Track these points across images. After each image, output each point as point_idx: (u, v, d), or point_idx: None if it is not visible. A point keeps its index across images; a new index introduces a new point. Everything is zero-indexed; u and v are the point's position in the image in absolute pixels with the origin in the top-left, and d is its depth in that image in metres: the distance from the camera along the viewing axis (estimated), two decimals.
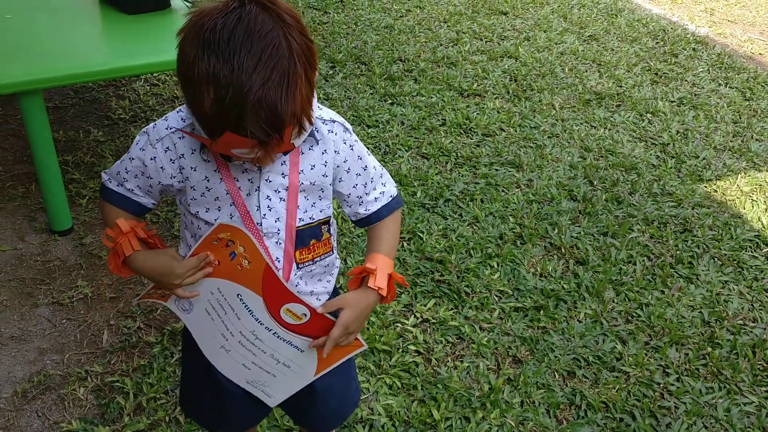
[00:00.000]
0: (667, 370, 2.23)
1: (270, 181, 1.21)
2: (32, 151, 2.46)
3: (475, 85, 3.88)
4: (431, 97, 3.72)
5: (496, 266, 2.58)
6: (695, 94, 3.98)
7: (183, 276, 1.23)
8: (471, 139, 3.39)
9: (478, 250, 2.65)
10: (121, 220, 1.25)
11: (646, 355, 2.27)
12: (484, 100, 3.75)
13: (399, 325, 2.31)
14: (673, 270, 2.64)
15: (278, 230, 1.24)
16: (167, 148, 1.20)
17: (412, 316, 2.35)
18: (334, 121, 1.26)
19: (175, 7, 2.87)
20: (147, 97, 3.60)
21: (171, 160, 1.20)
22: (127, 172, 1.25)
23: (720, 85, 4.10)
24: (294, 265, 1.27)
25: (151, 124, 1.22)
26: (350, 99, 3.65)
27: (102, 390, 2.05)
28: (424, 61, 4.11)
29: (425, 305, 2.39)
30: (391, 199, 1.36)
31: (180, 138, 1.19)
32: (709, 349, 2.30)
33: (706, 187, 3.16)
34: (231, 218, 1.22)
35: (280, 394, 1.40)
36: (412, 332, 2.28)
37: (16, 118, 3.36)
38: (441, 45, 4.35)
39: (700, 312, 2.45)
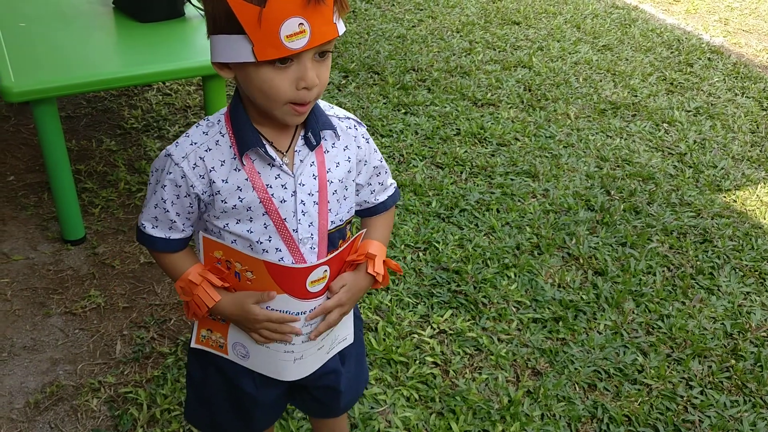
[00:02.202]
0: (690, 383, 2.18)
1: (303, 185, 1.19)
2: (45, 160, 2.45)
3: (489, 94, 3.85)
4: (445, 107, 3.69)
5: (513, 277, 2.54)
6: (712, 104, 3.93)
7: (261, 323, 1.23)
8: (486, 148, 3.36)
9: (494, 260, 2.61)
10: (192, 273, 1.23)
11: (668, 367, 2.22)
12: (498, 109, 3.72)
13: (416, 336, 2.27)
14: (694, 281, 2.59)
15: (312, 235, 1.22)
16: (194, 164, 1.16)
17: (429, 327, 2.31)
18: (348, 118, 1.27)
19: (188, 16, 2.86)
20: (159, 106, 3.59)
21: (200, 176, 1.17)
22: (164, 202, 1.20)
23: (736, 94, 4.06)
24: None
25: (172, 145, 1.18)
26: (363, 108, 3.63)
27: (115, 401, 2.02)
28: (438, 70, 4.09)
29: (442, 316, 2.36)
30: (395, 191, 1.41)
31: (207, 151, 1.16)
32: (733, 361, 2.25)
33: (725, 197, 3.11)
34: (265, 228, 1.19)
35: (348, 329, 1.42)
36: (429, 343, 2.24)
37: (29, 128, 3.35)
38: (454, 54, 4.33)
39: (723, 324, 2.40)
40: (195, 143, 1.16)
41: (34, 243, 2.62)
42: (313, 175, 1.20)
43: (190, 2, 2.85)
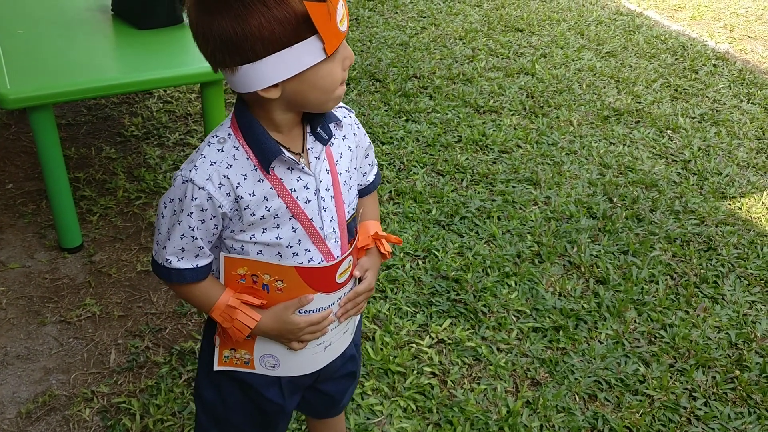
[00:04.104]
0: (693, 394, 2.13)
1: (321, 181, 1.20)
2: (42, 167, 2.43)
3: (491, 101, 3.82)
4: (447, 114, 3.67)
5: (513, 285, 2.51)
6: (716, 111, 3.89)
7: (303, 329, 1.25)
8: (487, 155, 3.33)
9: (495, 268, 2.58)
10: (227, 298, 1.21)
11: (671, 378, 2.18)
12: (500, 116, 3.70)
13: (414, 345, 2.24)
14: (698, 289, 2.55)
15: (334, 229, 1.23)
16: (220, 184, 1.13)
17: (428, 336, 2.28)
18: (340, 107, 1.28)
19: (187, 23, 2.84)
20: (160, 114, 3.58)
21: (227, 194, 1.14)
22: (192, 230, 1.15)
23: (742, 101, 4.02)
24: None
25: (187, 170, 1.13)
26: (365, 116, 3.61)
27: (108, 411, 1.99)
28: (440, 77, 4.07)
29: (441, 325, 2.32)
30: (377, 169, 1.43)
31: (228, 167, 1.13)
32: (738, 372, 2.21)
33: (729, 204, 3.07)
34: (294, 231, 1.19)
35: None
36: (427, 353, 2.21)
37: (28, 135, 3.35)
38: (456, 62, 4.31)
39: (727, 333, 2.36)
40: (214, 162, 1.13)
41: (31, 251, 2.61)
42: (326, 169, 1.21)
43: None
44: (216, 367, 1.31)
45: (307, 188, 1.19)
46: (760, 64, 4.61)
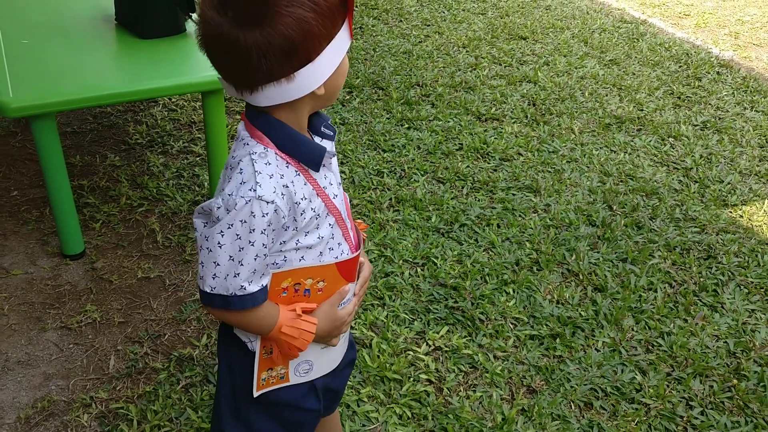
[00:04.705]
0: (690, 403, 2.13)
1: (337, 175, 1.26)
2: (44, 175, 2.46)
3: (493, 109, 3.83)
4: (448, 122, 3.68)
5: (511, 293, 2.52)
6: (719, 118, 3.89)
7: (345, 321, 1.31)
8: (488, 163, 3.34)
9: (493, 276, 2.59)
10: (289, 311, 1.21)
11: (667, 386, 2.18)
12: (502, 124, 3.71)
13: (410, 353, 2.25)
14: (697, 298, 2.55)
15: (347, 219, 1.29)
16: (282, 194, 1.12)
17: (425, 343, 2.29)
18: None
19: (189, 32, 2.87)
20: (164, 122, 3.61)
21: (288, 204, 1.14)
22: (264, 248, 1.13)
23: (745, 108, 4.02)
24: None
25: (247, 189, 1.09)
26: (366, 123, 3.63)
27: (106, 417, 2.01)
28: (442, 85, 4.08)
29: (438, 332, 2.33)
30: None
31: (281, 177, 1.13)
32: (735, 381, 2.21)
33: (731, 212, 3.07)
34: (330, 228, 1.23)
35: None
36: (423, 360, 2.22)
37: (34, 143, 3.38)
38: (459, 70, 4.32)
39: (726, 342, 2.36)
40: (272, 175, 1.11)
41: (34, 258, 2.64)
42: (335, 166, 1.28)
43: (191, 18, 2.87)
44: (256, 393, 1.29)
45: (332, 184, 1.23)
46: (764, 71, 4.60)
